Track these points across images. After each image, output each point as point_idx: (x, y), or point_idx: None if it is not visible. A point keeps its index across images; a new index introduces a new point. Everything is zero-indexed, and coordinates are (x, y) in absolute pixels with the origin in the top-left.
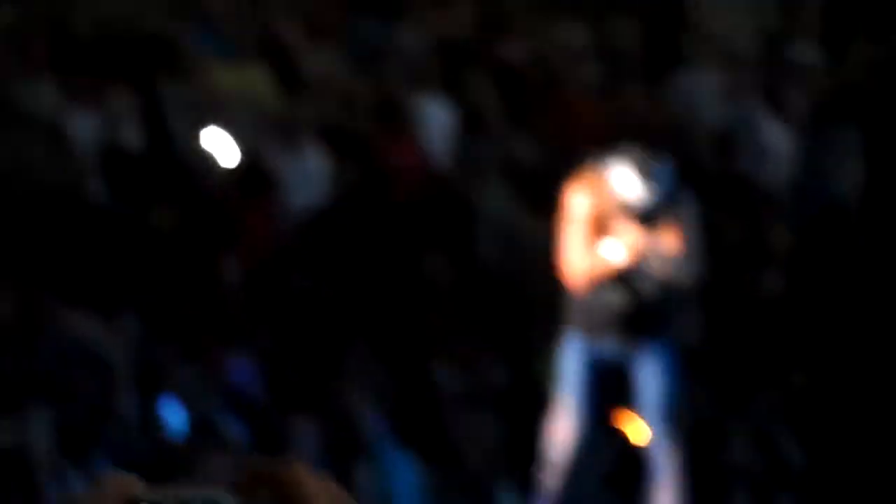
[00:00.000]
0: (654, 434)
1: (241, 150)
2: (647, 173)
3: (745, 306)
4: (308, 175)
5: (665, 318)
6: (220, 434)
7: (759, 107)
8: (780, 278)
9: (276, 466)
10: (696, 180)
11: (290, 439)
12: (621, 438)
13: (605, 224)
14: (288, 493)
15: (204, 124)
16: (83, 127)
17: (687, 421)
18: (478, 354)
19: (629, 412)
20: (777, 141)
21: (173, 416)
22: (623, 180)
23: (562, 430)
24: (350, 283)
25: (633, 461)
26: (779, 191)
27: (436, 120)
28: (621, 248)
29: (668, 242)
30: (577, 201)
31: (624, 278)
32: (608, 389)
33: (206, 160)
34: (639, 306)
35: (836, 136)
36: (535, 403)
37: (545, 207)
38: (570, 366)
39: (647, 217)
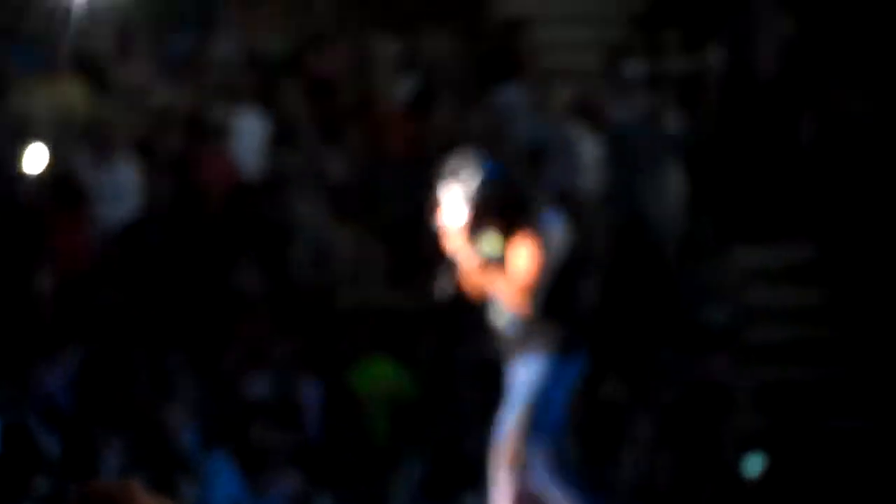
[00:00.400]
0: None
1: (54, 163)
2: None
3: None
4: (120, 187)
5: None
6: (35, 446)
7: (576, 120)
8: (595, 286)
9: (111, 488)
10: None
11: (100, 452)
12: None
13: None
14: None
15: (18, 137)
16: None
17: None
18: (291, 365)
19: None
20: (591, 154)
21: None
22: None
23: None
24: (162, 295)
25: None
26: (593, 202)
27: (248, 132)
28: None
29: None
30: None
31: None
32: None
33: (20, 172)
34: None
35: (654, 149)
36: (349, 413)
37: (357, 220)
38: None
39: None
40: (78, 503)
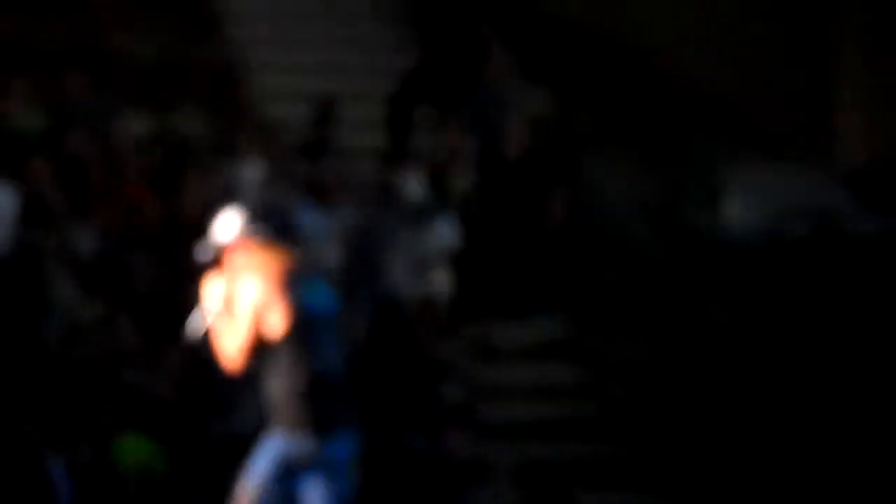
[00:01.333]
0: None
1: None
2: None
3: None
4: None
5: None
6: None
7: (299, 194)
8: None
9: None
10: None
11: None
12: None
13: None
14: None
15: None
16: None
17: None
18: (40, 441)
19: None
20: (317, 226)
21: None
22: None
23: None
24: None
25: None
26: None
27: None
28: None
29: None
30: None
31: None
32: None
33: None
34: None
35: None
36: (102, 488)
37: (105, 295)
38: None
39: None
40: None
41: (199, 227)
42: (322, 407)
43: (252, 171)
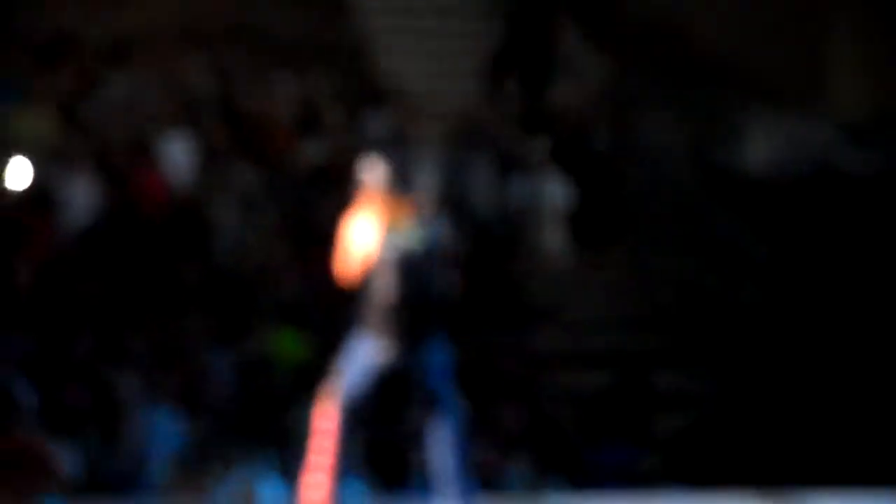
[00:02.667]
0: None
1: (31, 177)
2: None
3: None
4: (81, 197)
5: None
6: (14, 399)
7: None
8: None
9: (25, 442)
10: None
11: (66, 404)
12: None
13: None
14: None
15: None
16: None
17: None
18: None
19: None
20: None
21: None
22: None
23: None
24: (118, 282)
25: None
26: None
27: (179, 154)
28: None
29: None
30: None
31: None
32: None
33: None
34: None
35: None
36: (262, 373)
37: (266, 223)
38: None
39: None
40: None
41: (331, 169)
42: (410, 322)
43: (375, 129)
